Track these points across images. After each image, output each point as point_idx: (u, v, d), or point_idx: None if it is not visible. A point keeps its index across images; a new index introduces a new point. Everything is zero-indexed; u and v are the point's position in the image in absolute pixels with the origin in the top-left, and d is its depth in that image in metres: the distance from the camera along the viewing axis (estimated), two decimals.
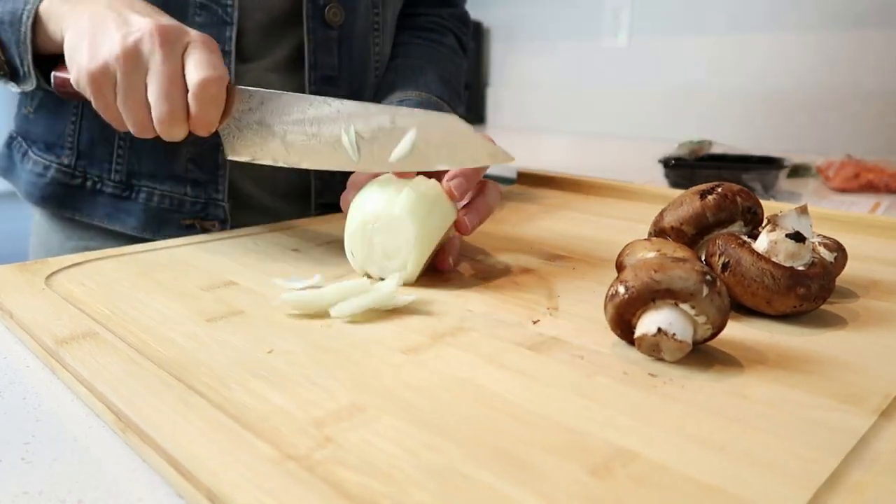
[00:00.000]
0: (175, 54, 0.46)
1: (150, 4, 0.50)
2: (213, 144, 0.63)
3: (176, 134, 0.47)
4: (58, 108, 0.65)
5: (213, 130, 0.49)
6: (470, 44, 0.83)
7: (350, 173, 0.53)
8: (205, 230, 0.64)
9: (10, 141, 0.70)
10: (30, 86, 0.54)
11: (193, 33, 0.47)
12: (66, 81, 0.51)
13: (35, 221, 0.72)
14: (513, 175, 0.89)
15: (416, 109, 0.45)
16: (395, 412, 0.28)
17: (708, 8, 1.66)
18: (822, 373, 0.32)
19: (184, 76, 0.46)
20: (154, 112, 0.46)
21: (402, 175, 0.46)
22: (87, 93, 0.47)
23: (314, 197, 0.70)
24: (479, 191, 0.49)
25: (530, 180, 0.85)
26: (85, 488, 0.25)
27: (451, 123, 0.45)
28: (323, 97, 0.47)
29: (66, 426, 0.29)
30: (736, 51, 1.63)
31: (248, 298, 0.42)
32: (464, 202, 0.48)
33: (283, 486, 0.23)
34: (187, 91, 0.46)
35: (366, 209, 0.45)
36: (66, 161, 0.64)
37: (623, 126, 1.88)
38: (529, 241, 0.57)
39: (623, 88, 1.87)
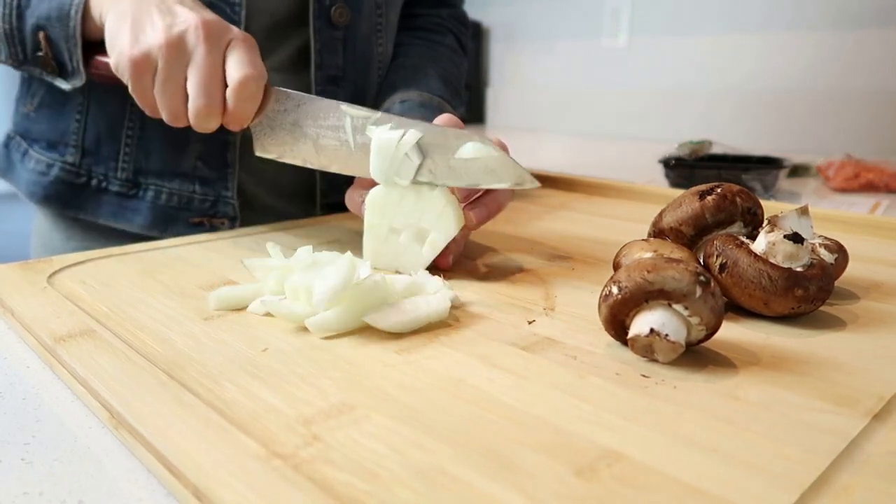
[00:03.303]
0: (218, 49, 0.47)
1: None
2: (223, 142, 0.63)
3: (209, 126, 0.49)
4: (61, 105, 0.65)
5: (245, 126, 0.50)
6: (469, 44, 0.83)
7: None
8: (214, 228, 0.64)
9: (8, 140, 0.70)
10: (79, 81, 0.55)
11: (236, 31, 0.48)
12: (102, 64, 0.52)
13: (36, 222, 0.73)
14: None
15: (461, 131, 0.46)
16: (385, 411, 0.28)
17: (708, 8, 1.65)
18: (816, 375, 0.32)
19: (223, 72, 0.47)
20: (191, 104, 0.47)
21: None
22: (126, 77, 0.48)
23: (319, 197, 0.71)
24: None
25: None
26: (85, 488, 0.25)
27: (484, 149, 0.45)
28: (363, 108, 0.48)
29: (66, 426, 0.29)
30: (736, 51, 1.62)
31: None
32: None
33: (269, 483, 0.23)
34: (225, 86, 0.47)
35: (401, 198, 0.46)
36: (70, 159, 0.64)
37: (623, 126, 1.87)
38: (530, 240, 0.57)
39: (623, 88, 1.86)
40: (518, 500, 0.22)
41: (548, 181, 0.84)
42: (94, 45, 0.53)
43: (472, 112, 2.20)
